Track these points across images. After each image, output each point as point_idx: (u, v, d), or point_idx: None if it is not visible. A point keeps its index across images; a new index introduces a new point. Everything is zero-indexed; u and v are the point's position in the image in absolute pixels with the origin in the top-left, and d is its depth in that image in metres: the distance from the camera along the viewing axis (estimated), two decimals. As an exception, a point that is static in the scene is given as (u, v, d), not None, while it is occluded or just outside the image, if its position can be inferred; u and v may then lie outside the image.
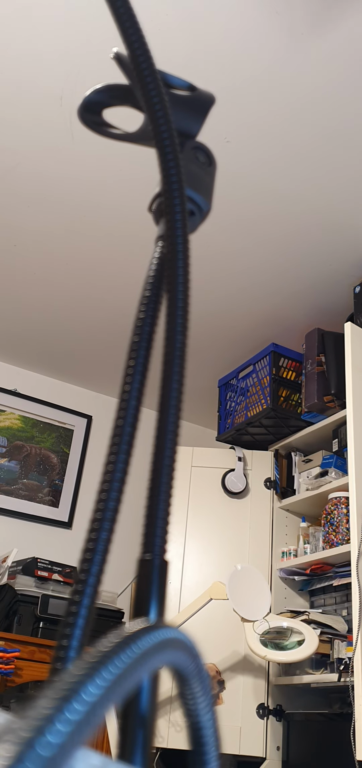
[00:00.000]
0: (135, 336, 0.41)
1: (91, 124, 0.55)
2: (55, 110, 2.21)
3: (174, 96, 0.52)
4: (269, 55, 1.99)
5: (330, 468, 2.88)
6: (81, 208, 2.66)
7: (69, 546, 3.67)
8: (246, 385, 3.31)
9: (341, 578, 2.70)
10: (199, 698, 0.30)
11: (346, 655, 2.50)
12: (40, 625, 2.93)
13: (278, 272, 2.93)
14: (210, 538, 3.14)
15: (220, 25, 1.92)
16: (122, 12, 0.43)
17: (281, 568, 3.04)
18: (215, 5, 1.86)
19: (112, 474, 0.37)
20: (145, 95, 0.43)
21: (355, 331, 2.61)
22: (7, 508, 3.66)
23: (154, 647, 0.26)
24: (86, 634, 0.33)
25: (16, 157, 2.42)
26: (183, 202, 0.42)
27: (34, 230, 2.81)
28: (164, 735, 2.74)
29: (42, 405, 3.94)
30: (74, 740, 0.21)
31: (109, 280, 3.09)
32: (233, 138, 2.27)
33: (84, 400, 4.09)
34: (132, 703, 0.33)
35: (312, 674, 2.66)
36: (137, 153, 2.28)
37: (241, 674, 2.87)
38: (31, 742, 0.20)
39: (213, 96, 0.54)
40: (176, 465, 0.39)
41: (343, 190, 2.45)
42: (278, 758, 2.75)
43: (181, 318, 0.41)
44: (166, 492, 0.38)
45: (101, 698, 0.22)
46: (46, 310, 3.37)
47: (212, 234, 2.71)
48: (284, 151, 2.32)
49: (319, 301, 3.08)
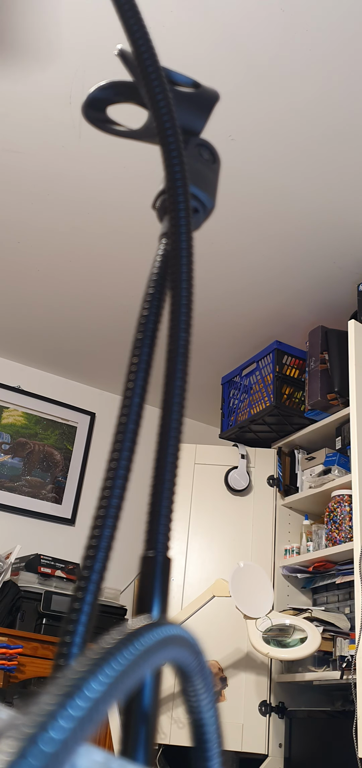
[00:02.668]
0: (138, 333, 0.41)
1: (95, 121, 0.54)
2: (61, 108, 2.21)
3: (178, 93, 0.52)
4: (273, 52, 1.98)
5: (333, 466, 2.88)
6: (85, 205, 2.66)
7: (72, 543, 3.68)
8: (250, 383, 3.31)
9: (344, 576, 2.70)
10: (202, 695, 0.30)
11: (349, 653, 2.50)
12: (42, 622, 2.93)
13: (282, 270, 2.93)
14: (213, 536, 3.14)
15: (224, 22, 1.91)
16: (126, 9, 0.43)
17: (284, 565, 3.04)
18: (219, 2, 1.86)
19: (115, 471, 0.37)
20: (150, 92, 0.43)
21: (359, 328, 2.61)
22: (10, 505, 3.67)
23: (157, 644, 0.26)
24: (89, 631, 0.33)
25: (21, 154, 2.42)
26: (188, 199, 0.42)
27: (38, 227, 2.81)
28: (166, 731, 2.75)
29: (45, 402, 3.95)
30: (77, 736, 0.21)
31: (112, 277, 3.09)
32: (237, 135, 2.27)
33: (87, 397, 4.10)
34: (134, 699, 0.33)
35: (315, 672, 2.66)
36: (141, 150, 2.28)
37: (244, 671, 2.87)
38: (34, 738, 0.20)
39: (218, 93, 0.54)
40: (179, 462, 0.39)
41: (348, 187, 2.45)
42: (280, 755, 2.76)
43: (185, 315, 0.41)
44: (169, 489, 0.38)
45: (104, 695, 0.22)
46: (49, 307, 3.37)
47: (216, 231, 2.71)
48: (288, 148, 2.31)
49: (323, 298, 3.07)
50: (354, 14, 1.86)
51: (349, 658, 2.43)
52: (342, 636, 2.63)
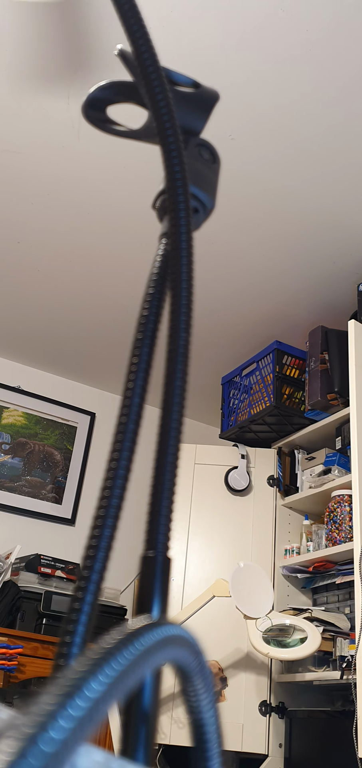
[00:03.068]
0: (138, 333, 0.41)
1: (95, 120, 0.54)
2: (61, 108, 2.21)
3: (178, 93, 0.52)
4: (273, 51, 1.98)
5: (334, 466, 2.88)
6: (85, 205, 2.66)
7: (72, 543, 3.68)
8: (250, 383, 3.31)
9: (344, 576, 2.70)
10: (202, 695, 0.30)
11: (349, 653, 2.50)
12: (43, 622, 2.93)
13: (282, 269, 2.93)
14: (213, 536, 3.14)
15: (224, 22, 1.91)
16: (126, 9, 0.43)
17: (284, 565, 3.04)
18: (220, 3, 1.86)
19: (115, 471, 0.37)
20: (149, 92, 0.43)
21: (359, 328, 2.61)
22: (10, 505, 3.67)
23: (157, 644, 0.26)
24: (89, 631, 0.33)
25: (21, 154, 2.42)
26: (188, 199, 0.42)
27: (38, 227, 2.81)
28: (167, 731, 2.75)
29: (46, 402, 3.95)
30: (77, 736, 0.21)
31: (112, 277, 3.09)
32: (237, 135, 2.27)
33: (87, 397, 4.10)
34: (134, 699, 0.33)
35: (315, 672, 2.66)
36: (141, 150, 2.28)
37: (244, 671, 2.87)
38: (34, 738, 0.20)
39: (218, 93, 0.54)
40: (179, 462, 0.39)
41: (348, 187, 2.45)
42: (280, 755, 2.76)
43: (185, 315, 0.41)
44: (169, 489, 0.38)
45: (104, 695, 0.22)
46: (49, 307, 3.37)
47: (216, 231, 2.71)
48: (288, 148, 2.31)
49: (323, 298, 3.07)
50: (354, 15, 1.86)
51: (349, 658, 2.43)
52: (342, 636, 2.63)
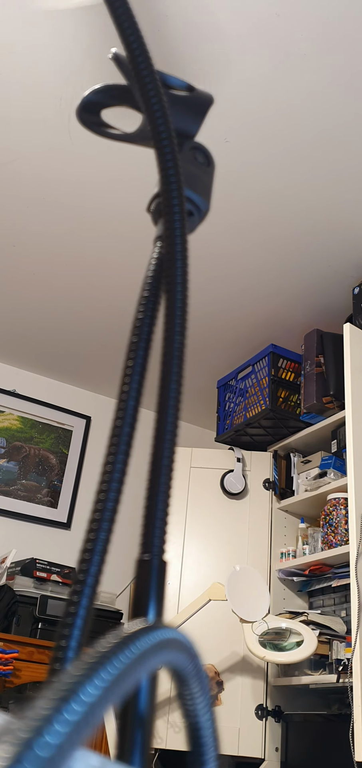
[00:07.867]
0: (134, 336, 0.41)
1: (89, 124, 0.55)
2: (55, 110, 2.21)
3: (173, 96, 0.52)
4: (268, 55, 1.99)
5: (329, 469, 2.88)
6: (80, 208, 2.66)
7: (68, 547, 3.67)
8: (245, 386, 3.31)
9: (340, 579, 2.70)
10: (198, 699, 0.30)
11: (345, 656, 2.50)
12: (38, 626, 2.93)
13: (277, 273, 2.93)
14: (209, 539, 3.14)
15: (219, 26, 1.92)
16: (120, 12, 0.43)
17: (280, 569, 3.04)
18: (215, 5, 1.86)
19: (111, 474, 0.37)
20: (144, 96, 0.43)
21: (354, 332, 2.61)
22: (5, 509, 3.66)
23: (153, 648, 0.26)
24: (85, 635, 0.33)
25: (15, 156, 2.42)
26: (182, 202, 0.42)
27: (33, 231, 2.80)
28: (163, 736, 2.74)
29: (41, 406, 3.94)
30: (73, 741, 0.21)
31: (107, 280, 3.09)
32: (232, 138, 2.27)
33: (83, 401, 4.09)
34: (130, 703, 0.33)
35: (311, 675, 2.66)
36: (136, 153, 2.28)
37: (240, 675, 2.86)
38: (30, 743, 0.20)
39: (212, 96, 0.54)
40: (175, 466, 0.39)
41: (343, 190, 2.46)
42: (276, 759, 2.75)
43: (180, 318, 0.41)
44: (164, 492, 0.38)
45: (100, 699, 0.22)
46: (44, 310, 3.37)
47: (211, 234, 2.71)
48: (283, 151, 2.32)
49: (318, 302, 3.08)
50: (349, 19, 1.87)
51: (345, 662, 2.43)
52: (339, 639, 2.63)
